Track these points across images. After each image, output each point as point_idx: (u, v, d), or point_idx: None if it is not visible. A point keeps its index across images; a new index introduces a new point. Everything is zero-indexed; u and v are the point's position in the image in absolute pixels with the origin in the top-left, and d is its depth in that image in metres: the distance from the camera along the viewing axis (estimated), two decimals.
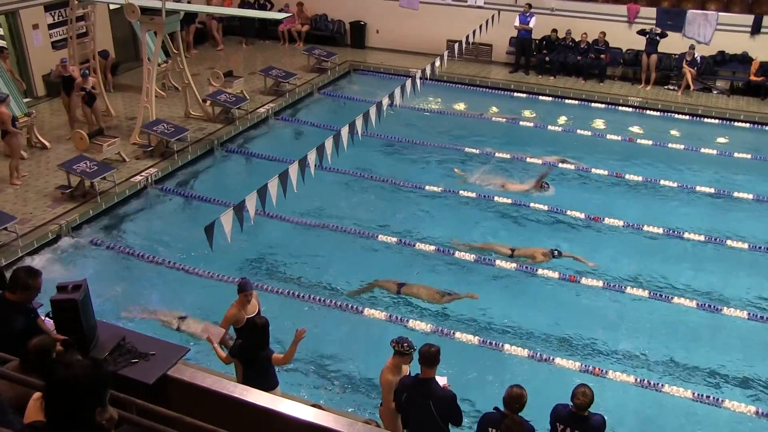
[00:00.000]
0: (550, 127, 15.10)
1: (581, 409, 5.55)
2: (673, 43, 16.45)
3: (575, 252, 10.31)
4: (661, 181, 12.61)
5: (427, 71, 12.00)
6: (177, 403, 4.74)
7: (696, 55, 16.33)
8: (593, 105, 16.24)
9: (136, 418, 3.93)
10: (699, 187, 12.38)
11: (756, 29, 16.22)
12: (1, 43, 14.98)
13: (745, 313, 9.11)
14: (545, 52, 17.66)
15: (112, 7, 15.12)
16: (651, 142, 14.40)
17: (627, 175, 12.77)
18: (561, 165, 13.18)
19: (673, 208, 11.85)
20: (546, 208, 11.61)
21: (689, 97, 16.33)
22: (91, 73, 13.76)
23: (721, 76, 16.90)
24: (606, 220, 11.27)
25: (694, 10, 16.14)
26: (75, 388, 2.79)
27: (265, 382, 6.25)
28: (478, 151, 13.68)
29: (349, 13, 19.58)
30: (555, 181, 12.49)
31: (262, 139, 14.44)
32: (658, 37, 16.35)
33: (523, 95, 16.77)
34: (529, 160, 13.34)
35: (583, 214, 11.40)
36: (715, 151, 14.04)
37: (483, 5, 17.59)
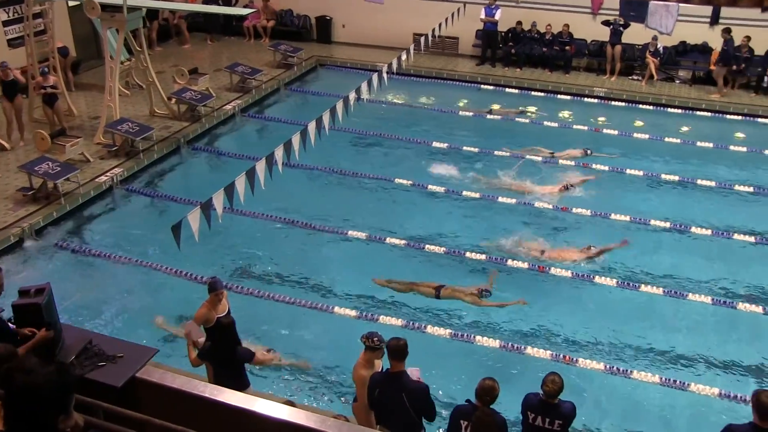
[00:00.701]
0: (518, 119, 15.21)
1: (551, 397, 5.61)
2: (637, 33, 16.69)
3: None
4: (627, 171, 12.78)
5: (394, 65, 11.99)
6: (147, 406, 4.67)
7: (659, 46, 16.62)
8: (559, 96, 16.39)
9: (104, 423, 3.87)
10: (664, 175, 12.58)
11: (714, 20, 16.58)
12: None
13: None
14: (511, 44, 17.77)
15: (71, 3, 14.76)
16: (617, 132, 14.60)
17: (594, 165, 12.90)
18: (529, 156, 13.26)
19: (640, 196, 12.01)
20: (514, 201, 11.70)
21: (653, 87, 16.61)
22: (51, 72, 13.46)
23: (683, 66, 17.23)
24: (574, 210, 11.39)
25: (655, 1, 16.37)
26: (35, 395, 2.69)
27: (237, 383, 6.19)
28: (446, 145, 13.72)
29: (315, 8, 19.48)
30: (524, 173, 12.58)
31: (229, 137, 14.31)
32: (621, 28, 16.60)
33: (490, 87, 16.87)
34: (497, 153, 13.41)
35: (550, 205, 11.51)
36: (679, 140, 14.29)
37: None
